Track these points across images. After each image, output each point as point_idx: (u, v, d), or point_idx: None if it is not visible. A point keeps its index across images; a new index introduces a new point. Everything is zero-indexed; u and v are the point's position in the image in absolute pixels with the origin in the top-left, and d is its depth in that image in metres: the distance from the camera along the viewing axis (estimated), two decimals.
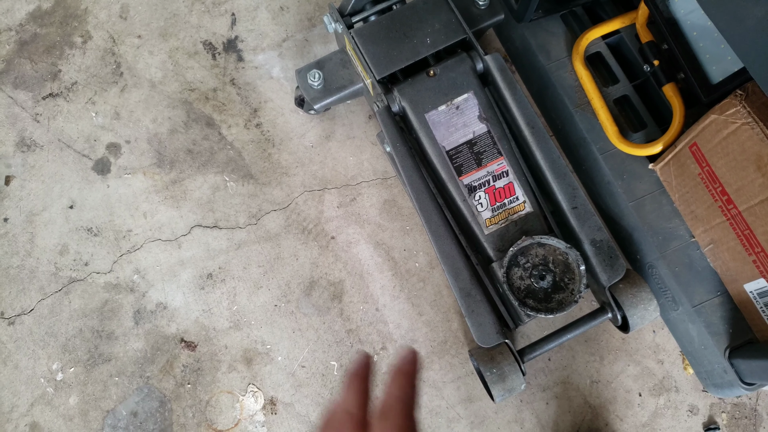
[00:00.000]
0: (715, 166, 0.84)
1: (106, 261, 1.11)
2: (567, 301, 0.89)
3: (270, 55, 1.21)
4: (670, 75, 0.95)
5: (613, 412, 1.03)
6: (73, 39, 1.23)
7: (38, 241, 1.12)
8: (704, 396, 1.03)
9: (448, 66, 0.96)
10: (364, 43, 0.97)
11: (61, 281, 1.10)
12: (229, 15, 1.24)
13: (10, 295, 1.09)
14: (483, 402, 1.03)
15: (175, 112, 1.18)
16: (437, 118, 0.95)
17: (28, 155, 1.16)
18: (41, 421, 1.04)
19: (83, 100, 1.19)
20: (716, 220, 0.88)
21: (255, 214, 1.13)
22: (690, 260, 0.96)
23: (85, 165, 1.16)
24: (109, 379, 1.06)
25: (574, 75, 1.04)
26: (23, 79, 1.21)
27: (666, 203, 0.98)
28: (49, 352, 1.07)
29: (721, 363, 0.93)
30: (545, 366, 1.05)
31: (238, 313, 1.08)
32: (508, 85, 0.95)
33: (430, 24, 0.98)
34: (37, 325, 1.08)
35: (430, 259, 1.10)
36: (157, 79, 1.20)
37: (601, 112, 1.00)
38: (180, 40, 1.23)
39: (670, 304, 0.99)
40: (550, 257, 0.90)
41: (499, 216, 0.93)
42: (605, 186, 1.03)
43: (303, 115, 1.17)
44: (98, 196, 1.14)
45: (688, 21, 0.90)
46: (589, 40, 1.03)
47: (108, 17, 1.24)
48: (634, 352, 1.05)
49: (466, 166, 0.94)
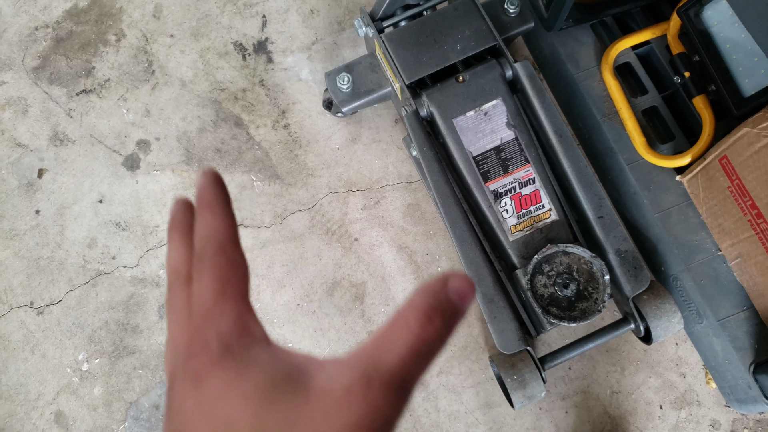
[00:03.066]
0: (745, 179, 0.83)
1: (133, 255, 1.13)
2: (590, 310, 0.89)
3: (299, 57, 1.23)
4: (701, 87, 0.95)
5: (633, 423, 1.02)
6: (107, 37, 1.26)
7: (68, 233, 1.15)
8: (727, 411, 1.02)
9: (477, 72, 0.97)
10: (394, 48, 0.98)
11: (89, 274, 1.12)
12: (260, 17, 1.26)
13: (40, 286, 1.12)
14: (502, 408, 1.03)
15: (204, 111, 1.20)
16: (465, 123, 0.95)
17: (60, 149, 1.19)
18: (66, 409, 1.06)
19: (115, 96, 1.22)
20: (745, 234, 0.87)
21: (280, 213, 1.14)
22: (716, 274, 0.95)
23: (115, 160, 1.18)
24: (133, 371, 1.07)
25: (603, 85, 1.04)
26: (58, 75, 1.23)
27: (693, 215, 0.98)
28: (76, 343, 1.09)
29: (745, 378, 0.92)
30: (565, 375, 1.05)
31: (261, 311, 1.09)
32: (537, 92, 0.95)
33: (460, 30, 0.98)
34: (64, 315, 1.10)
35: (453, 264, 1.10)
36: (187, 78, 1.22)
37: (629, 122, 1.00)
38: (211, 40, 1.25)
39: (694, 317, 0.98)
40: (575, 266, 0.90)
41: (525, 223, 0.93)
42: (631, 196, 1.03)
43: (330, 117, 1.19)
44: (127, 191, 1.17)
45: (721, 33, 0.90)
46: (618, 50, 1.03)
47: (142, 16, 1.27)
48: (656, 364, 1.05)
49: (492, 173, 0.94)
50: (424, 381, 1.04)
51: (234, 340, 0.23)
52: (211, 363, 0.22)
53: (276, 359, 0.22)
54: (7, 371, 1.08)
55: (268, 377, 0.21)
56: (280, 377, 0.22)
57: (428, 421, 1.03)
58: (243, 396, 0.21)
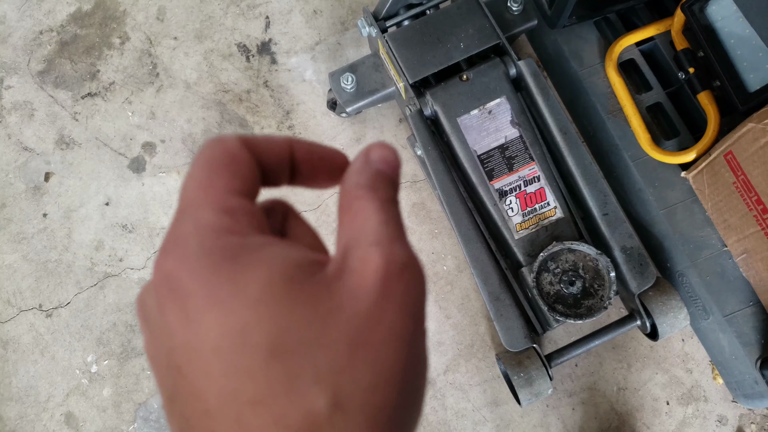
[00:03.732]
0: (750, 175, 0.83)
1: (140, 257, 1.14)
2: (596, 307, 0.89)
3: (303, 58, 1.23)
4: (706, 83, 0.95)
5: (640, 419, 1.03)
6: (111, 40, 1.26)
7: (75, 236, 1.15)
8: (734, 406, 1.02)
9: (481, 71, 0.97)
10: (397, 47, 0.98)
11: (97, 276, 1.13)
12: (263, 18, 1.27)
13: (48, 288, 1.13)
14: (509, 406, 1.03)
15: (209, 113, 1.21)
16: (469, 122, 0.96)
17: (66, 153, 1.20)
18: (76, 411, 1.07)
19: (120, 99, 1.23)
20: (750, 229, 0.87)
21: None
22: (722, 269, 0.95)
23: (121, 163, 1.19)
24: (142, 372, 1.08)
25: (607, 81, 1.04)
26: (63, 78, 1.24)
27: (698, 212, 0.98)
28: (85, 345, 1.10)
29: (751, 373, 0.92)
30: (572, 372, 1.05)
31: None
32: (541, 90, 0.95)
33: (463, 29, 0.98)
34: (73, 318, 1.11)
35: (458, 263, 1.11)
36: (192, 80, 1.23)
37: (634, 119, 1.00)
38: (215, 42, 1.25)
39: (700, 313, 0.98)
40: (580, 263, 0.90)
41: (530, 221, 0.93)
42: (636, 193, 1.03)
43: (334, 117, 1.19)
44: (133, 193, 1.17)
45: (726, 29, 0.90)
46: (622, 46, 1.03)
47: (145, 19, 1.27)
48: (662, 361, 1.05)
49: (497, 171, 0.94)
50: (431, 379, 1.05)
51: (220, 233, 0.19)
52: (190, 263, 0.18)
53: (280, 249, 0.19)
54: (18, 373, 1.09)
55: (273, 271, 0.18)
56: (289, 269, 0.18)
57: (435, 419, 1.04)
58: (244, 297, 0.17)
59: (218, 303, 0.17)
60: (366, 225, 0.20)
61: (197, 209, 0.19)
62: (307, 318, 0.17)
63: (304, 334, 0.17)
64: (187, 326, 0.18)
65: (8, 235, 1.15)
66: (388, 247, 0.19)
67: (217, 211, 0.19)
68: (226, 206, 0.20)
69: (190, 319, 0.18)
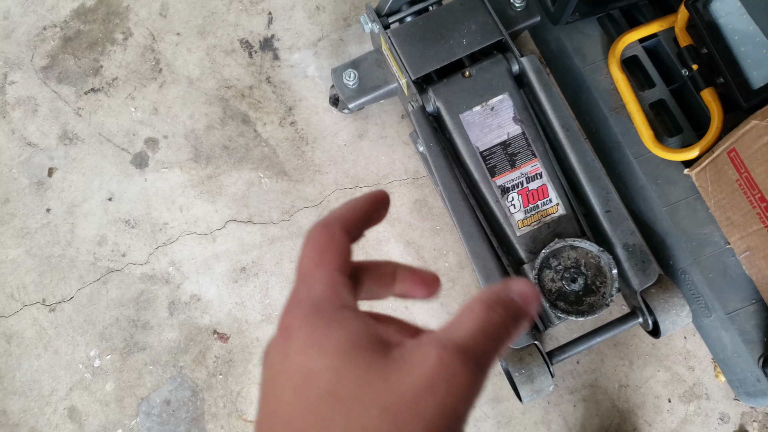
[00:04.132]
0: (754, 172, 0.83)
1: (143, 252, 1.14)
2: (598, 304, 0.89)
3: (305, 54, 1.23)
4: (709, 79, 0.94)
5: (642, 417, 1.03)
6: (114, 36, 1.27)
7: (78, 231, 1.16)
8: (736, 404, 1.02)
9: (483, 67, 0.96)
10: (400, 44, 0.98)
11: (100, 271, 1.14)
12: (266, 14, 1.26)
13: (51, 283, 1.13)
14: (510, 402, 1.04)
15: (211, 109, 1.21)
16: (472, 118, 0.95)
17: (70, 148, 1.20)
18: (79, 405, 1.07)
19: (123, 95, 1.23)
20: (753, 227, 0.87)
21: (288, 210, 1.15)
22: (724, 267, 0.95)
23: (124, 159, 1.19)
24: (144, 367, 1.09)
25: (610, 78, 1.04)
26: (67, 74, 1.24)
27: (701, 209, 0.97)
28: (87, 339, 1.10)
29: (754, 371, 0.92)
30: (573, 369, 1.05)
31: (270, 307, 1.10)
32: (544, 87, 0.95)
33: (466, 25, 0.98)
34: (76, 312, 1.11)
35: (460, 260, 1.11)
36: (194, 75, 1.23)
37: (637, 116, 1.00)
38: (217, 38, 1.25)
39: (702, 311, 0.98)
40: (582, 260, 0.90)
41: (532, 218, 0.93)
42: (639, 190, 1.03)
43: (337, 113, 1.19)
44: (136, 189, 1.18)
45: (729, 25, 0.89)
46: (626, 43, 1.03)
47: (148, 15, 1.27)
48: (664, 358, 1.05)
49: (499, 167, 0.94)
50: None
51: (324, 300, 0.24)
52: (299, 318, 0.24)
53: (360, 323, 0.24)
54: (21, 367, 1.09)
55: (350, 337, 0.23)
56: (362, 339, 0.23)
57: None
58: (323, 350, 0.22)
59: (308, 348, 0.23)
60: (451, 328, 0.23)
61: (311, 280, 0.25)
62: (359, 380, 0.21)
63: (353, 392, 0.21)
64: (283, 361, 0.23)
65: (12, 230, 1.16)
66: (452, 351, 0.22)
67: (325, 283, 0.25)
68: (332, 280, 0.25)
69: (286, 357, 0.23)
